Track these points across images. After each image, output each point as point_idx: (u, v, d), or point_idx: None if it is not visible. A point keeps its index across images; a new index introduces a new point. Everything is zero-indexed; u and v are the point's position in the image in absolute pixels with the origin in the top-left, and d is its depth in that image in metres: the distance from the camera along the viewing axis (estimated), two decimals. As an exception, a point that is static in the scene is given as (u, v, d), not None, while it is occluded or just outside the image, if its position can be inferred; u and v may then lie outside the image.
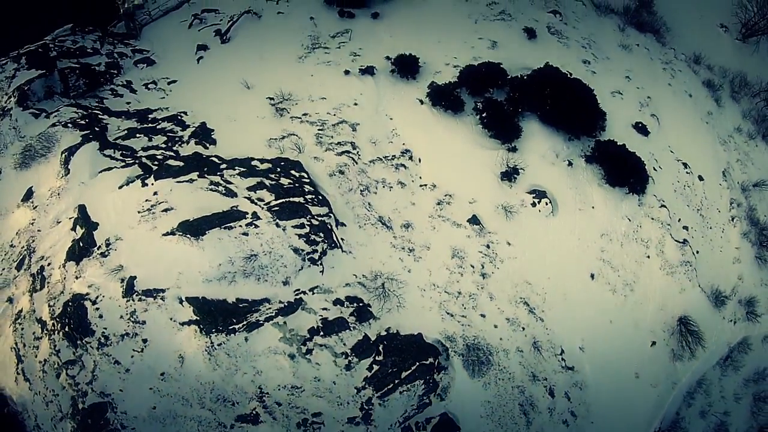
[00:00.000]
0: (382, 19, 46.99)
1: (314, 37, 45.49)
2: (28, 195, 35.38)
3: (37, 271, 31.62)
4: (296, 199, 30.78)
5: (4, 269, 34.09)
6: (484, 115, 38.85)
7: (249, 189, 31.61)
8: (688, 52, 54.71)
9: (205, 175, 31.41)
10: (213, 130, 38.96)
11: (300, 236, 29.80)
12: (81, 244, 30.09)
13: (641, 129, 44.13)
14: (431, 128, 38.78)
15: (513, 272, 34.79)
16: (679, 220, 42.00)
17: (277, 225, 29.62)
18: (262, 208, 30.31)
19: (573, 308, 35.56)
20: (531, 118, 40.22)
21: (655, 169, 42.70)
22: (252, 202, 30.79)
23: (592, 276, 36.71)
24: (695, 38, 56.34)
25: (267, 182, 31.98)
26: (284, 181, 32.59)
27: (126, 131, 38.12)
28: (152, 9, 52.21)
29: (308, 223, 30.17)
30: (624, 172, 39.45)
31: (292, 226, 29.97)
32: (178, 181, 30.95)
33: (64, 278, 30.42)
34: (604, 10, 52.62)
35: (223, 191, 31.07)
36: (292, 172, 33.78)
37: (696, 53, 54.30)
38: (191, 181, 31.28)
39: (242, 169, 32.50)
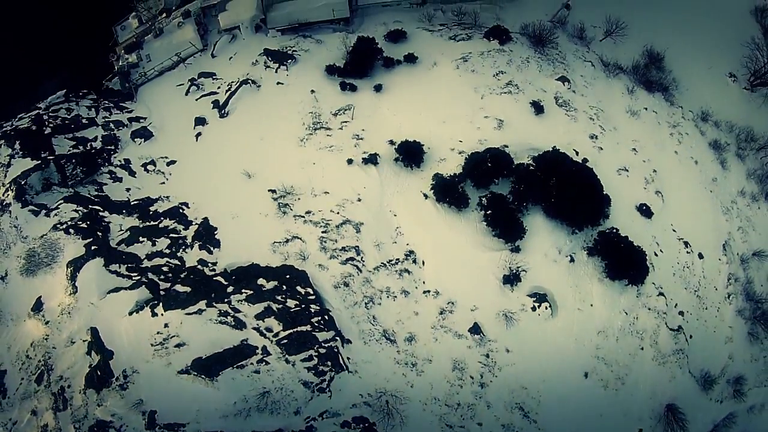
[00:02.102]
0: (385, 91, 46.55)
1: (315, 115, 45.36)
2: (38, 306, 37.05)
3: (58, 391, 33.87)
4: (303, 328, 32.65)
5: (23, 379, 36.39)
6: (488, 212, 39.97)
7: (257, 317, 33.32)
8: (695, 108, 54.37)
9: (213, 304, 32.99)
10: (216, 229, 40.06)
11: (309, 369, 31.91)
12: (99, 373, 32.16)
13: (645, 211, 45.33)
14: (435, 226, 39.92)
15: (510, 378, 37.28)
16: (676, 305, 44.14)
17: (287, 361, 31.63)
18: (271, 341, 32.19)
19: (565, 408, 38.31)
20: (535, 211, 41.25)
21: (656, 254, 44.35)
22: (261, 334, 32.60)
23: (586, 375, 39.26)
24: (704, 90, 55.65)
25: (274, 307, 33.65)
26: (291, 303, 34.24)
27: (128, 233, 39.18)
28: (147, 69, 51.43)
29: (316, 354, 32.21)
30: (625, 265, 40.99)
31: (301, 360, 32.02)
32: (187, 313, 32.60)
33: (86, 404, 32.66)
34: (612, 69, 52.03)
35: (232, 323, 32.79)
36: (298, 288, 35.34)
37: (703, 110, 54.05)
38: (200, 312, 32.92)
39: (249, 292, 34.01)
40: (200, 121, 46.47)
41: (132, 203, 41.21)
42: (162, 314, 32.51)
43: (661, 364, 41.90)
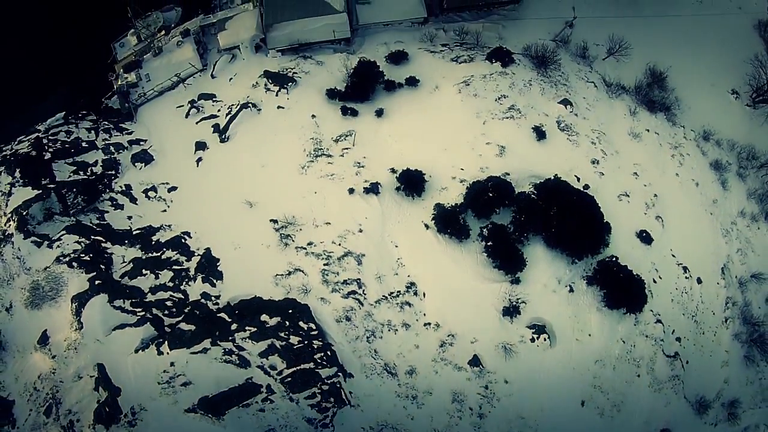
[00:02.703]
0: (386, 116, 46.92)
1: (317, 141, 45.83)
2: (44, 339, 38.00)
3: (68, 425, 34.91)
4: (307, 365, 33.68)
5: (32, 410, 37.47)
6: (489, 243, 40.76)
7: (261, 355, 34.30)
8: (697, 127, 54.54)
9: (218, 342, 33.96)
10: (218, 261, 40.85)
11: (312, 406, 33.04)
12: (107, 409, 33.23)
13: (645, 238, 46.04)
14: (436, 258, 40.73)
15: (509, 409, 38.46)
16: (673, 331, 45.23)
17: (291, 399, 32.72)
18: (276, 379, 33.24)
19: (562, 436, 39.88)
20: (536, 241, 41.95)
21: (654, 281, 45.25)
22: (265, 372, 33.63)
23: (583, 403, 40.51)
24: (706, 108, 55.66)
25: (278, 344, 34.64)
26: (294, 339, 35.22)
27: (131, 265, 39.99)
28: (147, 89, 51.69)
29: (319, 391, 33.32)
30: (624, 294, 41.85)
31: (305, 398, 33.11)
32: (192, 352, 33.58)
33: (96, 440, 33.90)
34: (615, 89, 52.27)
35: (237, 361, 33.78)
36: (301, 324, 36.28)
37: (705, 129, 54.26)
38: (205, 350, 33.86)
39: (252, 329, 34.96)
40: (201, 145, 46.99)
41: (134, 232, 41.99)
42: (168, 353, 33.53)
43: (656, 391, 43.15)
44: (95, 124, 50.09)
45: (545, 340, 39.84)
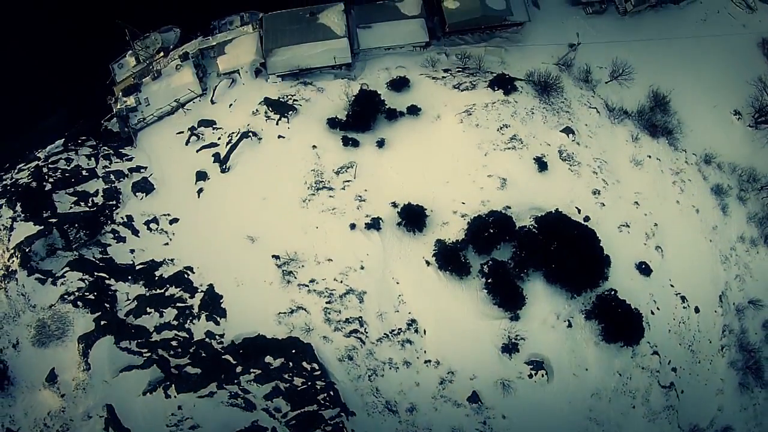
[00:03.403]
0: (388, 147, 47.46)
1: (318, 173, 46.49)
2: (52, 377, 39.27)
3: (78, 463, 36.61)
4: (310, 407, 35.11)
5: (42, 447, 39.12)
6: (489, 280, 41.89)
7: (266, 398, 35.64)
8: (699, 150, 55.13)
9: (224, 386, 35.30)
10: (221, 297, 41.97)
11: (316, 450, 34.70)
12: (119, 452, 34.82)
13: (644, 270, 47.08)
14: (437, 294, 41.85)
15: (506, 444, 40.36)
16: (669, 362, 46.69)
17: (295, 442, 34.37)
18: (281, 422, 34.67)
19: (557, 470, 41.58)
20: (536, 276, 42.99)
21: (652, 312, 46.50)
22: (270, 414, 35.01)
23: (579, 436, 42.42)
24: (708, 130, 56.20)
25: (282, 386, 35.96)
26: (298, 381, 36.56)
27: (135, 303, 41.14)
28: (146, 114, 52.01)
29: (322, 432, 34.94)
30: (622, 329, 43.15)
31: (309, 440, 34.75)
32: (199, 396, 34.90)
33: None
34: (617, 114, 52.70)
35: (243, 404, 35.13)
36: (304, 364, 37.59)
37: (707, 152, 54.92)
38: (211, 394, 35.18)
39: (257, 372, 36.25)
40: (201, 175, 47.68)
41: (137, 267, 43.00)
42: (175, 396, 34.94)
43: (651, 421, 44.76)
44: (95, 150, 50.67)
45: (543, 376, 41.31)
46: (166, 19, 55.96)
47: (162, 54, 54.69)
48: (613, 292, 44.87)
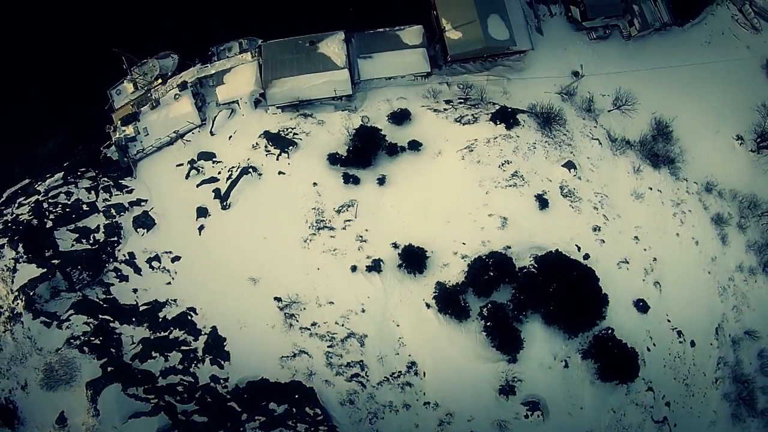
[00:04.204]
0: (389, 184, 48.00)
1: (318, 211, 47.28)
2: (62, 420, 40.77)
3: (89, 506, 38.48)
4: (313, 455, 36.93)
5: (54, 486, 40.99)
6: (488, 323, 43.16)
7: (271, 446, 37.55)
8: (700, 178, 55.90)
9: (230, 435, 37.08)
10: (225, 340, 43.32)
11: (319, 494, 36.51)
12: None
13: (641, 307, 48.28)
14: (437, 337, 43.12)
15: (503, 483, 42.32)
16: (663, 397, 48.37)
17: (299, 490, 36.14)
18: (286, 472, 36.59)
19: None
20: (535, 318, 44.19)
21: (648, 349, 47.98)
22: (275, 464, 36.95)
23: (572, 474, 44.37)
24: (710, 157, 56.85)
25: (285, 433, 37.85)
26: (301, 427, 38.22)
27: (141, 346, 42.48)
28: (146, 145, 52.42)
29: (325, 479, 36.71)
30: (617, 368, 44.70)
31: (312, 487, 36.54)
32: (206, 445, 36.76)
33: None
34: (619, 145, 53.28)
35: (248, 453, 37.07)
36: (307, 409, 39.21)
37: (708, 180, 55.72)
38: (218, 443, 37.10)
39: (262, 419, 37.85)
40: (202, 212, 48.48)
41: (141, 308, 44.22)
42: (182, 445, 36.72)
43: (643, 455, 47.02)
44: (95, 181, 51.34)
45: (539, 416, 42.98)
46: (163, 44, 56.02)
47: (160, 81, 55.04)
48: (610, 331, 46.31)
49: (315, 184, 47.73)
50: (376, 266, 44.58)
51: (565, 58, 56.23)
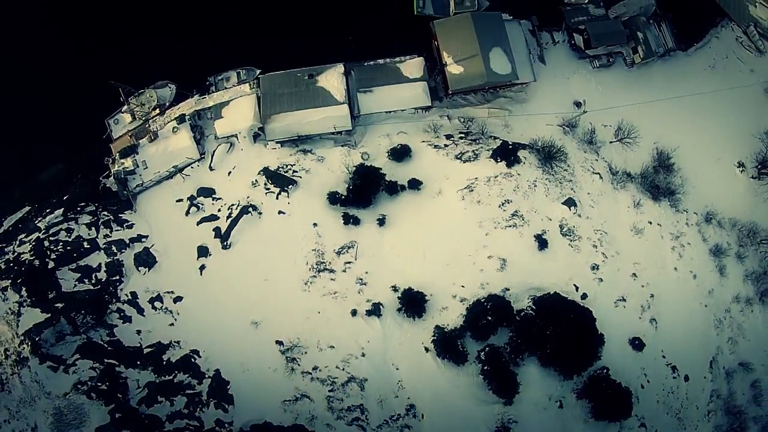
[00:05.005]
0: (389, 225, 48.67)
1: (319, 253, 48.15)
2: (73, 464, 42.94)
3: None
4: (316, 502, 38.89)
5: None
6: (485, 367, 44.65)
7: (275, 493, 39.45)
8: (701, 208, 56.66)
9: (236, 483, 38.94)
10: (229, 383, 44.83)
11: None
12: None
13: (637, 345, 49.56)
14: (435, 380, 44.58)
15: None
16: (656, 431, 50.78)
17: None
18: None
19: None
20: (531, 360, 45.62)
21: (642, 386, 49.55)
22: None
23: (564, 508, 46.63)
24: (711, 185, 57.60)
25: (289, 481, 39.71)
26: (304, 474, 40.31)
27: (146, 390, 43.96)
28: (145, 179, 52.79)
29: None
30: (611, 407, 46.56)
31: None
32: (214, 495, 38.59)
33: None
34: (620, 178, 53.80)
35: (254, 502, 38.93)
36: (309, 456, 41.25)
37: (709, 210, 56.57)
38: (224, 491, 38.96)
39: (266, 466, 39.91)
40: (203, 251, 49.37)
41: (145, 351, 45.57)
42: (190, 494, 38.65)
43: (634, 488, 49.28)
44: (95, 216, 52.02)
45: (533, 457, 45.23)
46: (161, 72, 56.08)
47: (158, 111, 55.32)
48: (605, 371, 47.88)
49: (315, 224, 48.55)
50: (375, 310, 45.88)
51: (567, 87, 56.31)
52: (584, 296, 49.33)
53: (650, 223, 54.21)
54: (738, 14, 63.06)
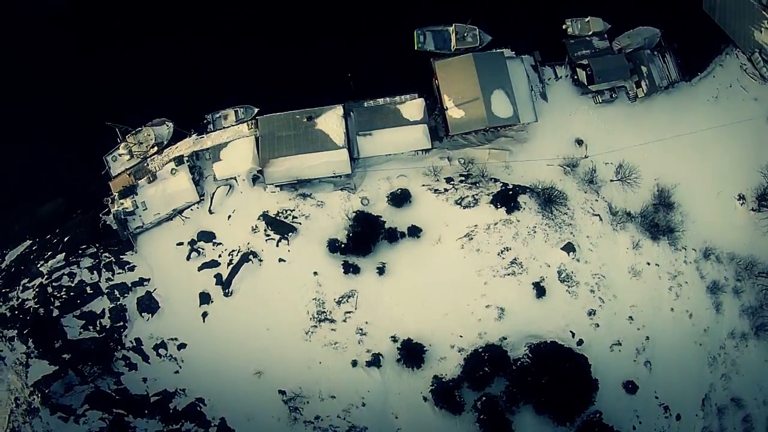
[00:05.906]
0: (389, 274, 49.75)
1: (319, 302, 49.45)
2: None
3: None
4: None
5: None
6: (482, 416, 46.74)
7: None
8: (699, 244, 57.63)
9: None
10: (234, 432, 47.41)
11: None
12: None
13: (631, 389, 51.31)
14: (433, 429, 46.29)
15: None
16: (644, 472, 53.34)
17: None
18: None
19: None
20: (526, 409, 47.55)
21: (634, 427, 51.70)
22: None
23: None
24: (710, 220, 58.47)
25: None
26: None
27: (155, 442, 46.46)
28: (145, 220, 53.60)
29: None
30: (604, 451, 49.39)
31: None
32: None
33: None
34: (620, 218, 54.49)
35: None
36: (312, 505, 43.69)
37: (707, 246, 57.56)
38: None
39: None
40: (205, 298, 50.58)
41: (151, 399, 47.64)
42: None
43: None
44: (96, 258, 53.25)
45: (524, 500, 47.83)
46: (158, 110, 56.25)
47: (156, 149, 55.78)
48: (598, 416, 50.05)
49: (315, 273, 49.69)
50: (375, 361, 47.63)
51: (569, 125, 56.38)
52: (580, 342, 51.05)
53: (648, 264, 55.26)
54: (743, 41, 62.49)
